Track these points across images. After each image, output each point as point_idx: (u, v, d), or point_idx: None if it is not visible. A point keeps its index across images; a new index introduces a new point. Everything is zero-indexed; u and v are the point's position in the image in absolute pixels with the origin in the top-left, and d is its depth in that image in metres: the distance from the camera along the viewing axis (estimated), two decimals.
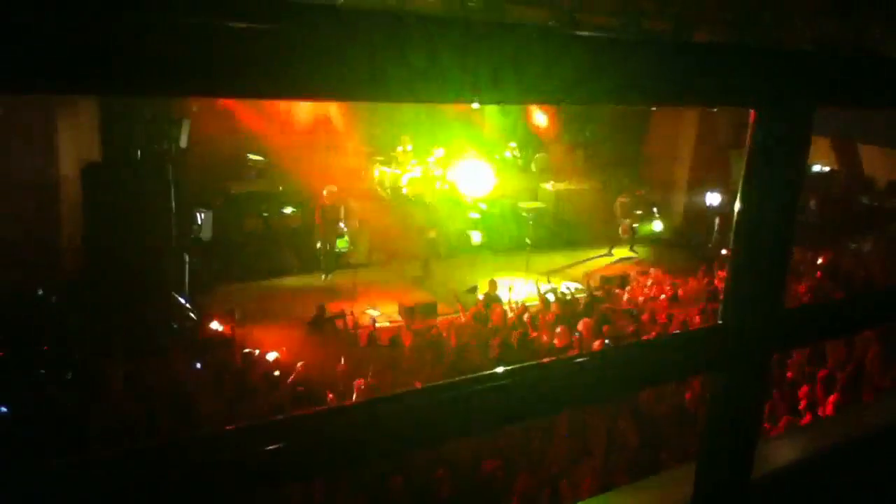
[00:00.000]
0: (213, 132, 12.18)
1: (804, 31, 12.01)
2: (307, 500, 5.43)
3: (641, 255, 14.85)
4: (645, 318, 9.65)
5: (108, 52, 0.61)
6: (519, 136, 16.26)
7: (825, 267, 12.10)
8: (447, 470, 5.73)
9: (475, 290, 11.74)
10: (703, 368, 1.26)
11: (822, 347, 7.47)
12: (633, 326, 9.11)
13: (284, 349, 9.04)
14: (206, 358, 8.49)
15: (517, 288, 11.52)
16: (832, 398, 6.30)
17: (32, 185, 10.27)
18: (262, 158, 13.53)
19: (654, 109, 15.46)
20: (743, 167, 1.16)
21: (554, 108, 15.10)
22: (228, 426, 0.81)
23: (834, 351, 7.44)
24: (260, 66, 0.68)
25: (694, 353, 1.22)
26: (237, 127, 12.85)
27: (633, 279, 12.57)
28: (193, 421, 6.48)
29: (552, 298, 10.56)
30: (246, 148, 13.40)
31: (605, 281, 12.42)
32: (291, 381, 7.55)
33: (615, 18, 11.59)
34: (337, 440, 0.86)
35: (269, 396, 7.15)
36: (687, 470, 1.28)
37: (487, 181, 15.35)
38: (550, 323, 9.32)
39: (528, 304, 10.45)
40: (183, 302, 10.39)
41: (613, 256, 14.73)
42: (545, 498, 5.48)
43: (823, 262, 12.31)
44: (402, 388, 6.27)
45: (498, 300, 10.71)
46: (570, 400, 1.19)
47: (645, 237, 15.21)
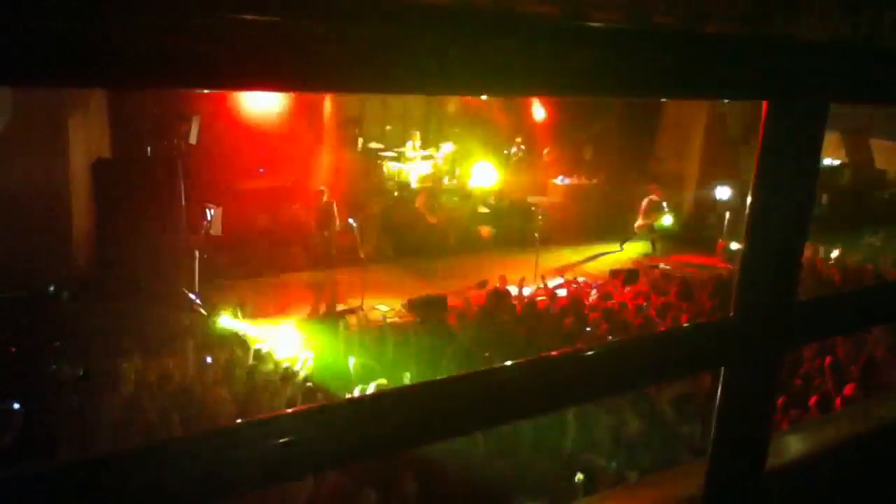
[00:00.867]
0: (222, 128, 12.20)
1: (816, 27, 11.92)
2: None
3: (659, 251, 14.79)
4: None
5: (130, 45, 0.61)
6: (527, 130, 16.22)
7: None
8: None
9: (485, 284, 11.74)
10: (714, 362, 1.25)
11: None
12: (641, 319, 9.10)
13: (294, 344, 9.06)
14: (217, 353, 8.51)
15: (526, 282, 11.50)
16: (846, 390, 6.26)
17: (44, 181, 10.31)
18: (271, 155, 13.53)
19: (663, 103, 15.39)
20: (753, 162, 1.15)
21: (563, 101, 15.05)
22: (239, 420, 0.81)
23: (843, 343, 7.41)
24: (267, 58, 0.68)
25: (705, 346, 1.21)
26: (246, 123, 12.86)
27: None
28: (206, 416, 6.50)
29: (563, 293, 10.55)
30: (255, 144, 13.41)
31: (614, 275, 12.39)
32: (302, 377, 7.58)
33: (625, 13, 11.53)
34: (344, 434, 0.86)
35: (282, 391, 7.17)
36: (700, 464, 1.27)
37: (495, 176, 15.34)
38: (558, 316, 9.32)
39: (537, 298, 10.45)
40: (193, 297, 10.43)
41: (624, 251, 14.66)
42: None
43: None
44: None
45: (507, 295, 10.71)
46: (578, 394, 1.19)
47: (656, 232, 15.16)
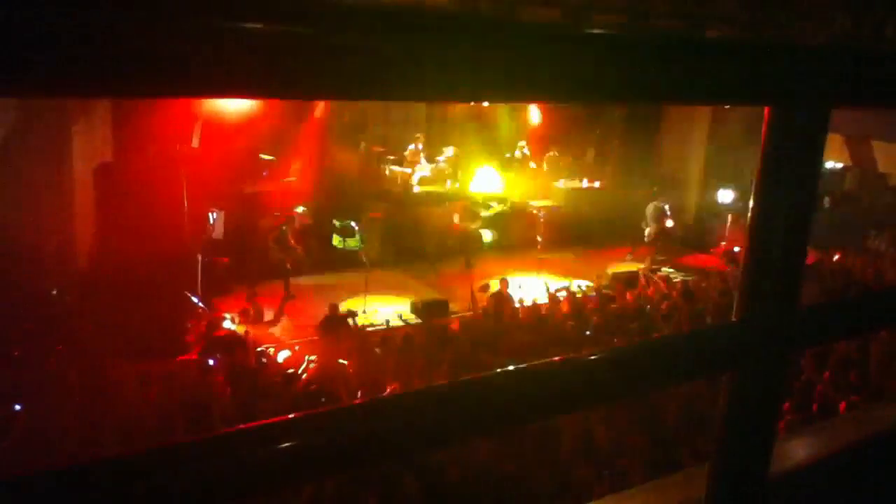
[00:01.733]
0: (225, 132, 12.21)
1: (819, 29, 11.92)
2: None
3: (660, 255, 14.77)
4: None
5: (138, 53, 0.61)
6: (529, 134, 16.23)
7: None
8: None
9: (487, 288, 11.74)
10: (718, 366, 1.25)
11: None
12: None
13: (297, 348, 9.06)
14: (219, 357, 8.52)
15: (528, 286, 11.50)
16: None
17: (47, 186, 10.33)
18: (273, 158, 13.55)
19: (665, 107, 15.40)
20: (756, 165, 1.15)
21: (565, 106, 15.06)
22: (242, 425, 0.81)
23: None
24: (265, 65, 0.68)
25: (709, 350, 1.21)
26: (248, 127, 12.88)
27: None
28: (208, 421, 6.50)
29: (563, 296, 10.54)
30: (258, 148, 13.43)
31: (615, 279, 12.36)
32: (305, 380, 7.57)
33: (626, 17, 11.55)
34: (348, 439, 0.86)
35: (283, 395, 7.17)
36: (702, 469, 1.27)
37: (498, 180, 15.35)
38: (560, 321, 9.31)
39: (538, 302, 10.44)
40: (196, 301, 10.44)
41: (631, 259, 14.59)
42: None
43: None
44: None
45: (509, 298, 10.71)
46: (582, 399, 1.19)
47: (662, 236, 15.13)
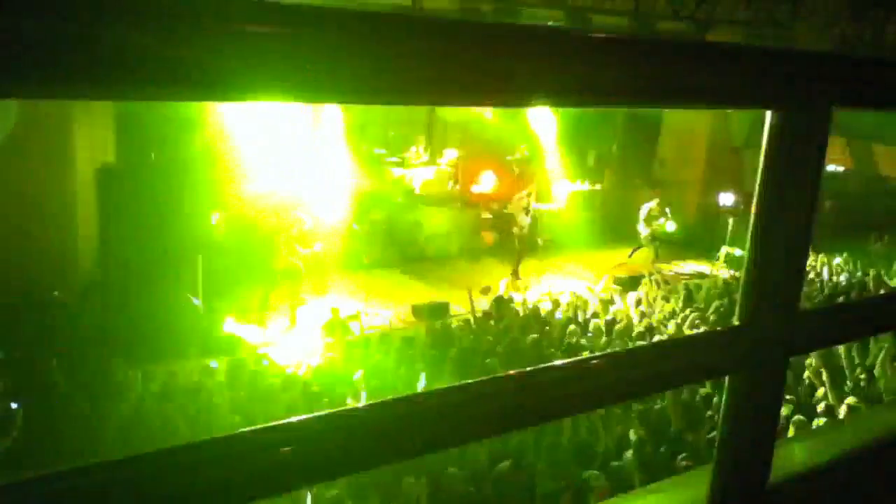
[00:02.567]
0: (226, 134, 12.21)
1: (823, 32, 11.93)
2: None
3: (662, 257, 14.76)
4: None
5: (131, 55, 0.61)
6: (530, 137, 16.23)
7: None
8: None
9: (488, 290, 11.73)
10: (719, 370, 1.25)
11: None
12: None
13: (299, 349, 9.07)
14: (221, 358, 8.53)
15: (530, 288, 11.50)
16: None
17: (49, 187, 10.35)
18: (278, 159, 13.54)
19: (666, 110, 15.40)
20: (757, 168, 1.16)
21: (566, 109, 15.06)
22: (242, 429, 0.81)
23: None
24: (270, 69, 0.68)
25: (710, 354, 1.21)
26: (249, 129, 12.88)
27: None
28: (208, 423, 6.50)
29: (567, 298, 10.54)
30: (261, 149, 13.42)
31: (616, 282, 12.36)
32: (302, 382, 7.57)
33: (629, 20, 11.55)
34: (347, 442, 0.86)
35: (283, 396, 7.17)
36: (705, 471, 1.27)
37: (499, 182, 15.35)
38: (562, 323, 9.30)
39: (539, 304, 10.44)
40: (196, 302, 10.43)
41: (633, 259, 14.59)
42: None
43: None
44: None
45: (511, 301, 10.69)
46: (582, 403, 1.19)
47: (659, 238, 15.13)
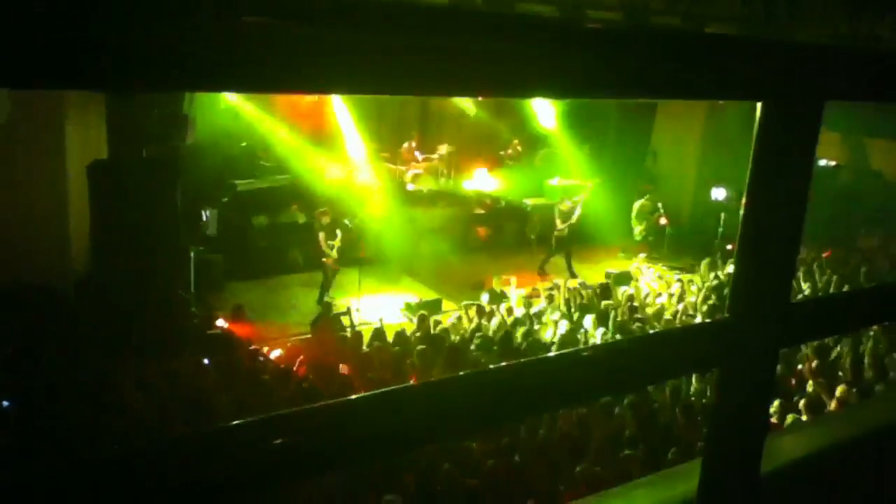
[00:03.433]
0: (218, 129, 12.19)
1: (817, 27, 11.94)
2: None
3: (655, 253, 14.81)
4: None
5: (123, 47, 0.61)
6: (523, 132, 16.23)
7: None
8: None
9: (480, 285, 11.75)
10: (709, 363, 1.25)
11: None
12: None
13: (289, 345, 9.07)
14: (212, 355, 8.51)
15: (521, 284, 11.51)
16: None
17: (41, 182, 10.31)
18: (267, 155, 13.52)
19: (660, 102, 15.40)
20: (749, 162, 1.16)
21: (558, 103, 15.06)
22: (237, 421, 0.81)
23: None
24: (270, 60, 0.68)
25: (700, 347, 1.21)
26: (242, 124, 12.87)
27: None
28: (204, 418, 6.49)
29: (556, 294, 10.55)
30: (251, 144, 13.41)
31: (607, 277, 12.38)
32: (296, 378, 7.58)
33: (622, 14, 11.54)
34: (342, 435, 0.86)
35: (277, 392, 7.17)
36: (695, 465, 1.28)
37: (492, 178, 15.35)
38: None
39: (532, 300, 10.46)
40: (189, 299, 10.41)
41: (626, 256, 14.62)
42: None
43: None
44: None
45: (502, 297, 10.72)
46: (571, 396, 1.19)
47: (652, 233, 15.17)
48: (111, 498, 0.72)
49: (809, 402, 6.49)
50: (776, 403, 6.40)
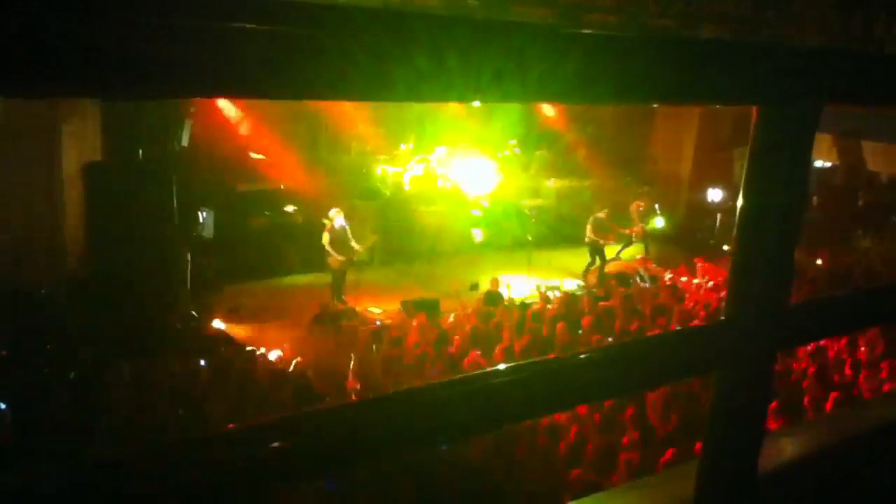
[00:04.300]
0: (214, 131, 12.17)
1: (811, 28, 11.96)
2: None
3: (652, 253, 14.80)
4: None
5: (120, 55, 0.61)
6: (520, 133, 16.22)
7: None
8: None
9: (477, 287, 11.73)
10: (707, 365, 1.25)
11: None
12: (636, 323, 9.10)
13: (287, 347, 9.05)
14: (209, 357, 8.49)
15: (519, 285, 11.51)
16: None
17: (36, 184, 10.27)
18: (263, 157, 13.51)
19: (656, 106, 15.43)
20: (745, 164, 1.16)
21: (555, 106, 15.06)
22: (232, 425, 0.81)
23: None
24: (262, 66, 0.68)
25: (698, 349, 1.21)
26: (238, 126, 12.85)
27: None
28: (198, 421, 6.48)
29: (554, 295, 10.56)
30: (248, 147, 13.39)
31: (606, 278, 12.40)
32: (293, 380, 7.56)
33: (617, 16, 11.55)
34: (343, 438, 0.86)
35: (274, 394, 7.15)
36: (692, 466, 1.28)
37: (489, 179, 15.33)
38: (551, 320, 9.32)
39: (528, 301, 10.46)
40: (185, 301, 10.39)
41: (622, 257, 14.62)
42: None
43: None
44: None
45: (500, 297, 10.71)
46: (571, 398, 1.19)
47: (648, 234, 15.17)
48: (110, 500, 0.73)
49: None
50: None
